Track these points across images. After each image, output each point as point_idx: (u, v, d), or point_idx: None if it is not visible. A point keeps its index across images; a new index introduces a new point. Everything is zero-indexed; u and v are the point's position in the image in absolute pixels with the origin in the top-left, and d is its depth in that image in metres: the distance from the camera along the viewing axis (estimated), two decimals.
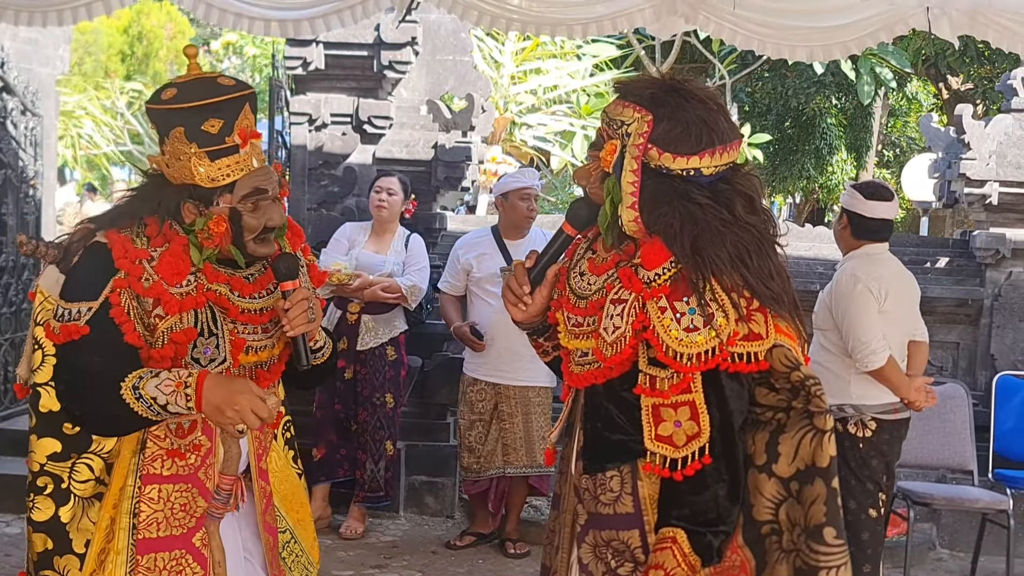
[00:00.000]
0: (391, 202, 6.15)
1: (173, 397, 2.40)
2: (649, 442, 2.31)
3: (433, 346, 6.75)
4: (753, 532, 2.33)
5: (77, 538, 2.56)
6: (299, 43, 6.88)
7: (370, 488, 6.18)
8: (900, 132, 22.57)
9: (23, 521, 5.94)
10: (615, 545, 2.41)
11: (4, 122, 6.85)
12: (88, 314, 2.49)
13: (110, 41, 19.93)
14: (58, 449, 2.55)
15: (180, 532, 2.60)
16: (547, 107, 13.39)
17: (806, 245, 7.45)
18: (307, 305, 2.62)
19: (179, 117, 2.56)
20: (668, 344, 2.28)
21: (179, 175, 2.58)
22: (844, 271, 4.68)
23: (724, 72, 14.94)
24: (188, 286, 2.57)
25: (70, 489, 2.55)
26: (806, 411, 2.29)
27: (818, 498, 2.26)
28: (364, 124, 7.19)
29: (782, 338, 2.32)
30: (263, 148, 2.82)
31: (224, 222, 2.57)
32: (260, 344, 2.69)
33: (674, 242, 2.31)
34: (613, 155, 2.40)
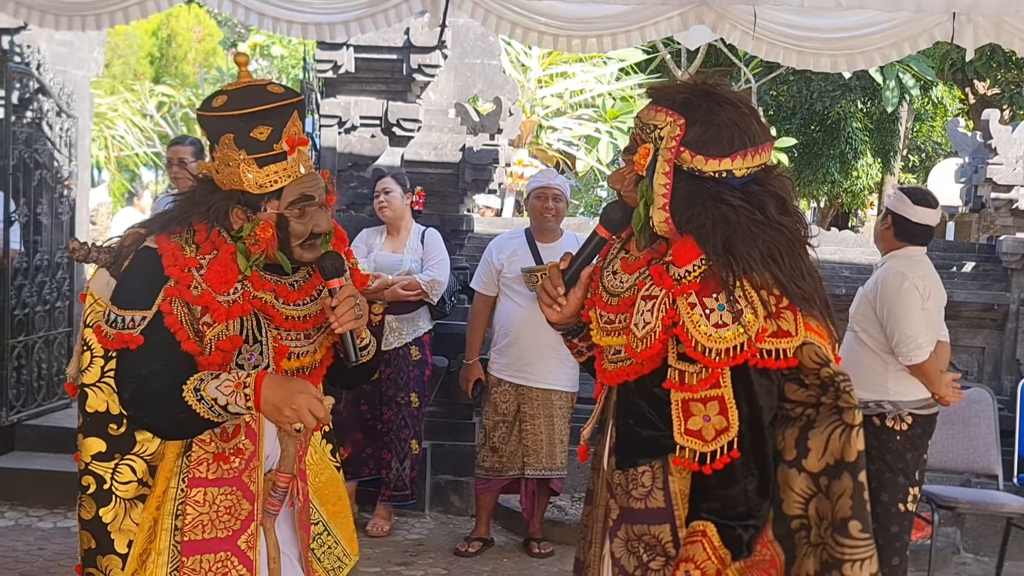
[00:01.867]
0: (390, 200, 6.21)
1: (233, 397, 2.45)
2: (679, 436, 2.34)
3: (458, 346, 6.79)
4: (783, 527, 2.36)
5: (119, 539, 2.61)
6: (330, 46, 6.95)
7: (396, 487, 6.23)
8: (926, 137, 22.47)
9: (56, 516, 6.11)
10: (646, 539, 2.44)
11: (40, 123, 6.95)
12: (142, 324, 2.54)
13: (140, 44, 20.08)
14: (103, 449, 2.61)
15: (225, 535, 2.64)
16: (573, 111, 13.43)
17: (831, 249, 7.47)
18: (354, 302, 2.65)
19: (229, 124, 2.60)
20: (697, 339, 2.31)
21: (228, 181, 2.63)
22: (889, 269, 4.79)
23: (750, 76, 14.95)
24: (235, 294, 2.61)
25: (112, 490, 2.60)
26: (835, 407, 2.32)
27: (845, 492, 2.29)
28: (393, 127, 7.26)
29: (812, 336, 2.35)
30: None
31: (271, 228, 2.61)
32: (302, 350, 2.74)
33: (706, 242, 2.34)
34: (646, 158, 2.44)
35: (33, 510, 6.27)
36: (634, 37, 5.56)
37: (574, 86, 13.12)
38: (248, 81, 2.69)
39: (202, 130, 2.72)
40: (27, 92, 6.82)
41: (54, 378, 7.14)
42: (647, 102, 2.54)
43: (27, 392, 6.86)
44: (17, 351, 6.74)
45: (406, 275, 6.13)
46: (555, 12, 5.51)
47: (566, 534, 6.16)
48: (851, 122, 19.16)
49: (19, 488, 6.36)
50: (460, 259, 7.12)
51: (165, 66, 20.52)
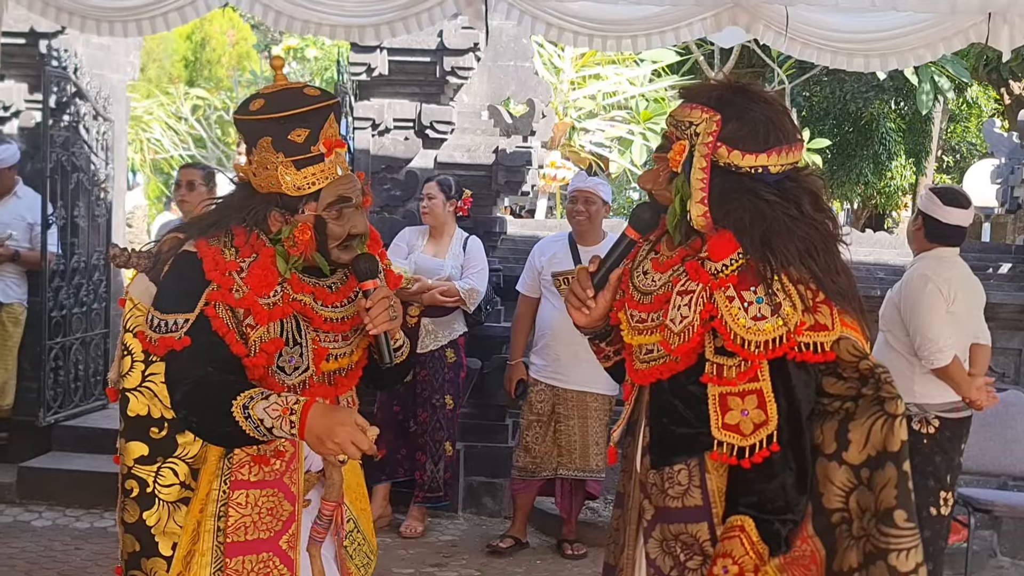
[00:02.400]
0: (431, 206, 6.25)
1: (279, 422, 2.45)
2: (716, 431, 2.34)
3: (492, 348, 6.82)
4: (823, 521, 2.35)
5: (163, 541, 2.63)
6: (363, 49, 6.99)
7: (430, 488, 6.25)
8: (960, 137, 22.31)
9: (92, 516, 6.17)
10: (684, 538, 2.43)
11: (77, 127, 7.03)
12: (185, 326, 2.55)
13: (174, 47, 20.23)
14: (145, 452, 2.63)
15: (267, 535, 2.65)
16: (606, 112, 13.42)
17: (866, 250, 7.44)
18: (388, 303, 2.66)
19: (266, 127, 2.61)
20: (736, 332, 2.32)
21: (266, 184, 2.64)
22: (915, 271, 4.77)
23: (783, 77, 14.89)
24: (275, 296, 2.62)
25: (155, 493, 2.63)
26: (877, 397, 2.31)
27: (889, 482, 2.28)
28: (426, 129, 7.28)
29: (848, 331, 2.36)
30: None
31: (309, 230, 2.62)
32: (340, 352, 2.75)
33: (744, 236, 2.36)
34: (682, 155, 2.46)
35: (70, 510, 6.34)
36: (668, 38, 5.56)
37: (607, 88, 13.11)
38: (284, 84, 2.70)
39: (239, 133, 2.74)
40: (64, 96, 6.89)
41: (91, 379, 7.22)
42: (680, 101, 2.56)
43: (64, 393, 6.93)
44: (54, 353, 6.81)
45: (446, 280, 6.15)
46: (589, 14, 5.52)
47: (600, 536, 6.15)
48: (885, 123, 19.04)
49: (56, 488, 6.43)
50: (493, 261, 7.13)
51: (199, 69, 20.65)
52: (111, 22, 5.67)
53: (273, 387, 2.60)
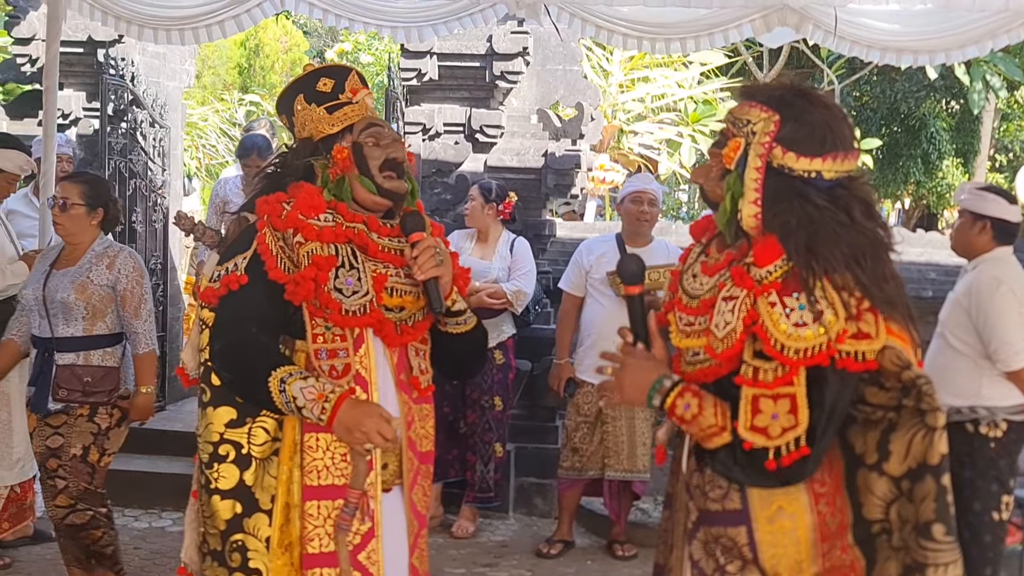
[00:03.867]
0: (470, 210, 6.31)
1: (311, 406, 2.59)
2: (744, 431, 2.32)
3: (541, 350, 6.85)
4: (863, 531, 2.35)
5: (263, 496, 2.74)
6: (413, 55, 7.07)
7: (480, 489, 6.29)
8: (1013, 136, 22.03)
9: (151, 516, 6.26)
10: (723, 542, 2.43)
11: (134, 134, 7.15)
12: (244, 263, 2.73)
13: (228, 55, 20.49)
14: (234, 416, 2.74)
15: (341, 483, 2.73)
16: (654, 115, 13.41)
17: (918, 251, 7.39)
18: (434, 251, 2.79)
19: (297, 87, 2.94)
20: (776, 337, 2.29)
21: (307, 135, 2.90)
22: (983, 273, 4.66)
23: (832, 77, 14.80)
24: (327, 222, 2.79)
25: (250, 454, 2.73)
26: (917, 409, 2.29)
27: (928, 495, 2.26)
28: (476, 133, 7.34)
29: (893, 340, 2.32)
30: None
31: (346, 150, 2.84)
32: (403, 287, 2.84)
33: (789, 239, 2.34)
34: (736, 152, 2.44)
35: (129, 510, 6.44)
36: (716, 39, 5.59)
37: (655, 90, 13.11)
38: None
39: (281, 116, 3.02)
40: (122, 103, 7.02)
41: None
42: (741, 99, 2.53)
43: None
44: None
45: (493, 283, 6.18)
46: (638, 16, 5.56)
47: (650, 536, 6.16)
48: (934, 122, 18.86)
49: (115, 489, 6.49)
50: (543, 263, 7.17)
51: (253, 76, 20.89)
52: (168, 30, 5.79)
53: (330, 304, 2.70)
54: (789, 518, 2.38)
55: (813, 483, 2.37)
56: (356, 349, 2.75)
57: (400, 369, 2.85)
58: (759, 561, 2.39)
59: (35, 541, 5.70)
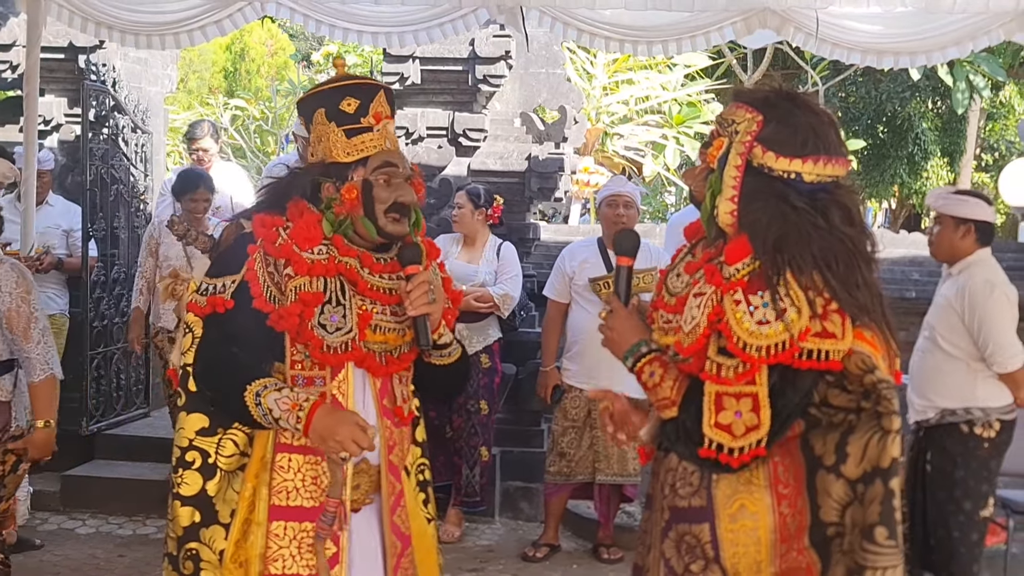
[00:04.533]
0: (460, 216, 6.29)
1: (286, 415, 2.59)
2: (707, 428, 2.34)
3: (527, 354, 6.84)
4: (819, 534, 2.33)
5: (223, 509, 2.73)
6: (395, 59, 7.05)
7: (466, 493, 6.28)
8: (999, 135, 22.10)
9: (135, 523, 6.24)
10: (687, 540, 2.44)
11: (116, 139, 7.13)
12: (232, 287, 2.71)
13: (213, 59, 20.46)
14: (206, 424, 2.74)
15: (310, 504, 2.73)
16: (639, 117, 13.42)
17: (901, 251, 7.40)
18: (427, 287, 2.76)
19: (321, 99, 2.84)
20: (739, 335, 2.31)
21: (320, 155, 2.83)
22: (975, 277, 4.68)
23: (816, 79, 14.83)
24: (320, 255, 2.75)
25: (216, 464, 2.73)
26: (875, 412, 2.28)
27: (876, 498, 2.26)
28: (459, 137, 7.34)
29: (861, 345, 2.32)
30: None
31: (355, 189, 2.77)
32: (388, 325, 2.81)
33: (757, 236, 2.35)
34: (719, 151, 2.47)
35: (113, 518, 6.42)
36: (699, 42, 5.60)
37: (639, 93, 13.12)
38: (341, 74, 2.92)
39: (301, 119, 2.94)
40: (103, 109, 6.99)
41: (132, 388, 7.31)
42: (731, 101, 2.57)
43: (106, 402, 7.03)
44: (96, 362, 6.91)
45: (479, 287, 6.18)
46: (620, 20, 5.57)
47: (636, 540, 6.16)
48: (920, 123, 18.90)
49: (99, 496, 6.52)
50: (527, 267, 7.17)
51: (238, 80, 20.86)
52: (149, 36, 5.78)
53: (311, 340, 2.69)
54: (751, 517, 2.39)
55: (778, 484, 2.37)
56: (334, 376, 2.75)
57: (383, 395, 2.85)
58: (720, 560, 2.40)
59: (17, 550, 5.66)
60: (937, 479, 4.66)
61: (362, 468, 2.79)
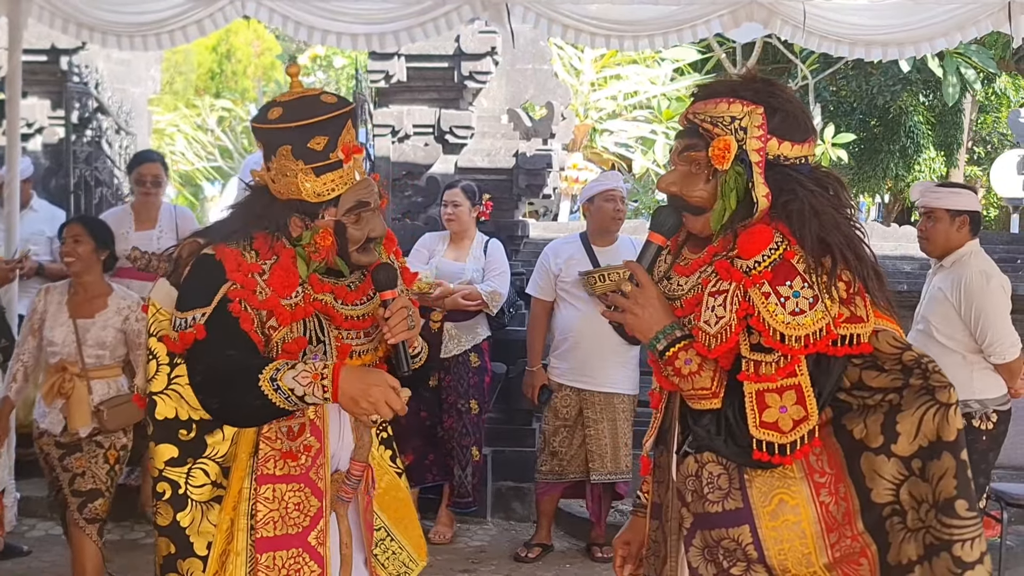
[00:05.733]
0: (458, 213, 6.23)
1: (310, 388, 2.50)
2: (754, 429, 2.29)
3: (516, 352, 6.81)
4: (873, 516, 2.31)
5: (198, 541, 2.66)
6: (381, 57, 7.01)
7: (458, 494, 6.25)
8: (991, 128, 22.12)
9: (122, 529, 6.19)
10: (725, 544, 2.38)
11: (99, 141, 7.09)
12: (202, 318, 2.60)
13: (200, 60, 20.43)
14: (175, 455, 2.65)
15: (296, 531, 2.68)
16: (628, 113, 13.39)
17: (892, 245, 7.38)
18: (406, 313, 2.71)
19: (286, 136, 2.66)
20: (775, 328, 2.27)
21: (285, 191, 2.69)
22: (970, 269, 4.70)
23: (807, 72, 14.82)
24: (296, 297, 2.68)
25: (187, 494, 2.65)
26: (926, 387, 2.28)
27: (947, 472, 2.23)
28: (446, 134, 7.30)
29: (883, 323, 2.34)
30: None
31: (330, 235, 2.67)
32: (363, 348, 2.79)
33: (804, 228, 2.32)
34: (728, 151, 2.39)
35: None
36: (685, 35, 5.56)
37: (628, 88, 13.09)
38: (301, 92, 2.75)
39: (258, 142, 2.78)
40: (86, 111, 6.96)
41: None
42: (705, 98, 2.47)
43: None
44: None
45: (467, 284, 6.14)
46: (606, 14, 5.53)
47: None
48: (912, 116, 18.90)
49: None
50: (516, 265, 7.14)
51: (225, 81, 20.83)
52: (131, 36, 5.73)
53: None
54: (792, 511, 2.34)
55: (813, 473, 2.33)
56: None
57: None
58: (765, 559, 2.35)
59: (5, 556, 5.63)
60: None
61: (335, 478, 2.77)
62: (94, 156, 6.99)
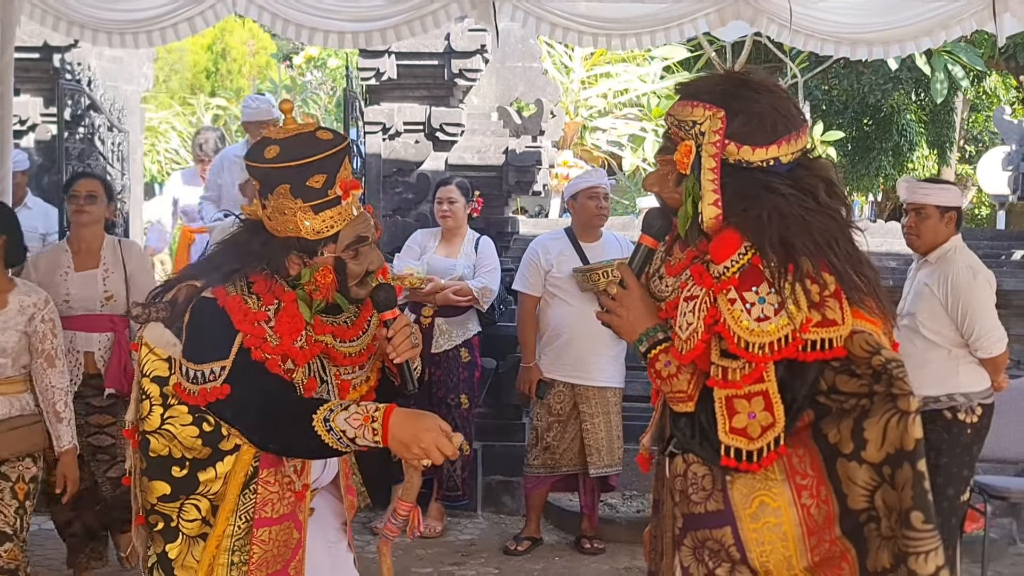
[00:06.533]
0: (454, 210, 6.27)
1: (361, 431, 2.50)
2: (723, 435, 2.29)
3: (506, 348, 6.85)
4: (851, 522, 2.29)
5: (181, 574, 2.67)
6: (372, 54, 7.05)
7: (448, 488, 6.29)
8: (982, 127, 22.16)
9: None
10: (710, 545, 2.39)
11: (92, 139, 7.11)
12: (223, 373, 2.56)
13: (195, 59, 20.43)
14: (167, 492, 2.65)
15: (280, 566, 2.71)
16: (617, 110, 13.40)
17: (878, 241, 7.43)
18: (409, 331, 2.73)
19: (284, 175, 2.62)
20: (739, 335, 2.26)
21: (283, 228, 2.66)
22: (956, 264, 4.75)
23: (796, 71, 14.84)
24: (301, 340, 2.67)
25: (178, 528, 2.66)
26: (889, 394, 2.23)
27: (906, 483, 2.21)
28: (436, 131, 7.34)
29: (862, 323, 2.28)
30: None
31: (331, 273, 2.66)
32: (358, 381, 2.82)
33: (762, 235, 2.28)
34: (689, 156, 2.37)
35: None
36: (672, 34, 5.60)
37: (618, 86, 13.10)
38: (296, 128, 2.70)
39: (254, 180, 2.72)
40: (79, 108, 6.99)
41: None
42: (680, 99, 2.46)
43: None
44: None
45: (458, 280, 6.17)
46: (595, 13, 5.56)
47: (618, 532, 6.19)
48: (905, 114, 18.91)
49: None
50: (506, 261, 7.17)
51: (220, 80, 20.81)
52: (122, 34, 5.75)
53: None
54: (773, 514, 2.33)
55: (795, 475, 2.32)
56: None
57: None
58: (748, 560, 2.35)
59: None
60: None
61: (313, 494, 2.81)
62: (87, 153, 7.00)
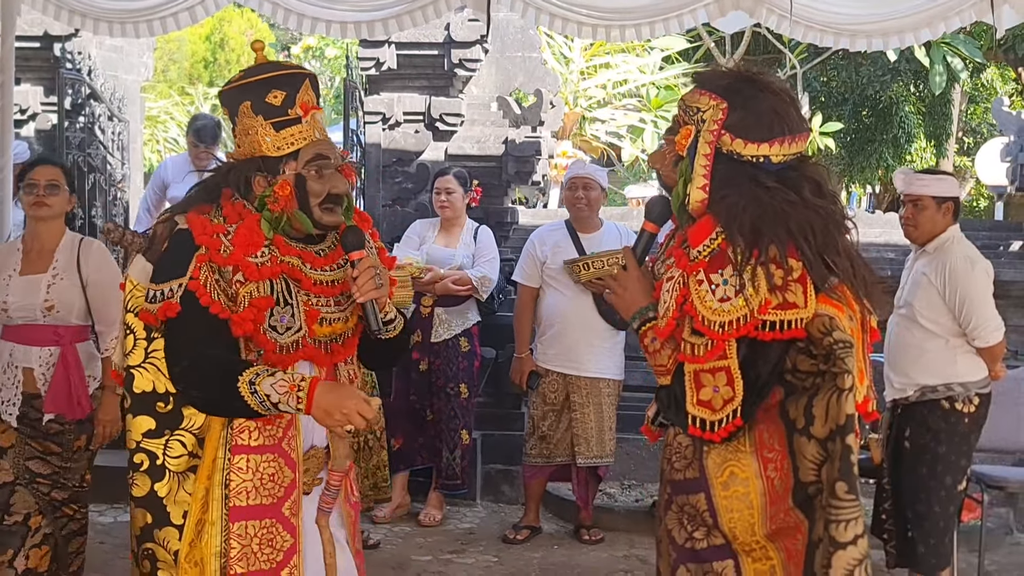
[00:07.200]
0: (452, 200, 6.28)
1: (286, 398, 2.59)
2: (691, 406, 2.48)
3: (506, 337, 6.85)
4: (802, 494, 2.45)
5: (174, 511, 2.72)
6: (372, 44, 7.05)
7: (447, 476, 6.30)
8: (980, 118, 22.15)
9: (115, 511, 6.21)
10: (687, 510, 2.59)
11: (92, 128, 7.12)
12: (180, 290, 2.67)
13: (194, 49, 20.42)
14: (152, 427, 2.72)
15: (270, 502, 2.74)
16: (617, 101, 13.42)
17: (876, 232, 7.45)
18: (374, 272, 2.78)
19: (245, 92, 2.79)
20: (703, 314, 2.43)
21: (248, 149, 2.80)
22: (953, 254, 4.75)
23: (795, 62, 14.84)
24: (263, 257, 2.74)
25: (165, 465, 2.71)
26: (831, 372, 2.39)
27: (836, 454, 2.36)
28: (436, 122, 7.35)
29: (826, 308, 2.43)
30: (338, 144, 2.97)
31: (288, 185, 2.76)
32: (334, 316, 2.85)
33: (734, 220, 2.44)
34: (687, 139, 2.55)
35: (93, 505, 6.37)
36: (672, 25, 5.59)
37: (617, 76, 13.13)
38: (262, 60, 2.89)
39: (223, 109, 2.89)
40: (79, 98, 7.00)
41: None
42: (694, 86, 2.63)
43: None
44: None
45: (457, 270, 6.19)
46: (594, 3, 5.56)
47: (616, 520, 6.21)
48: (903, 106, 18.90)
49: None
50: (505, 251, 7.19)
51: (218, 70, 20.81)
52: (123, 23, 5.75)
53: (265, 345, 2.72)
54: (742, 483, 2.51)
55: (763, 449, 2.50)
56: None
57: (329, 379, 2.84)
58: (719, 525, 2.53)
59: None
60: (918, 456, 4.71)
61: (312, 453, 2.84)
62: (87, 142, 7.02)
